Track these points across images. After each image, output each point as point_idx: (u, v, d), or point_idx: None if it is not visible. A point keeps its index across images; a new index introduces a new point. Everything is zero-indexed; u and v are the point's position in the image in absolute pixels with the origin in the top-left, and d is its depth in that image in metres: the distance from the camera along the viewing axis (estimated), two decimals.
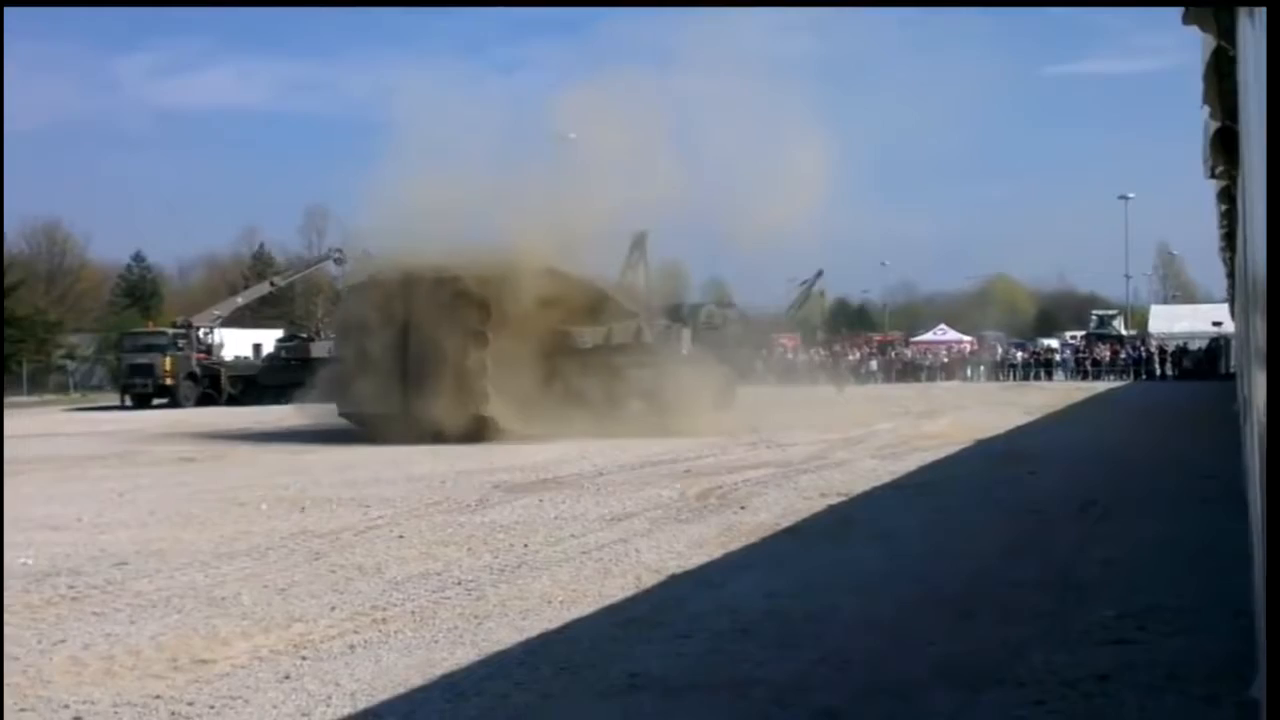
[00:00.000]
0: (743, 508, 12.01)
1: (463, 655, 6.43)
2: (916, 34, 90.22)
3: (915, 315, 79.98)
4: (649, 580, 8.40)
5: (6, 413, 37.71)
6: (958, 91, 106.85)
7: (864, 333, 72.35)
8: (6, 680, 5.97)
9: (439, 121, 24.19)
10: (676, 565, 8.93)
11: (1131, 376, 51.54)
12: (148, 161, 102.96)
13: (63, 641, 6.78)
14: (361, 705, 5.61)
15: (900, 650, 6.45)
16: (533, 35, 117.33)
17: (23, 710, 5.53)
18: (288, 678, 6.04)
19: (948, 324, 69.75)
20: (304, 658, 6.41)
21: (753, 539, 10.15)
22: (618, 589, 8.12)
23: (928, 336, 67.50)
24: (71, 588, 8.30)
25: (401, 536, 10.44)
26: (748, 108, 29.88)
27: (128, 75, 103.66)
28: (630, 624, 7.17)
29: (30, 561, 9.26)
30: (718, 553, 9.49)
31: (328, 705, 5.60)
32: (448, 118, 24.43)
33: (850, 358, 54.53)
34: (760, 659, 6.30)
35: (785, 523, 11.04)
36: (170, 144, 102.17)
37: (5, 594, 8.06)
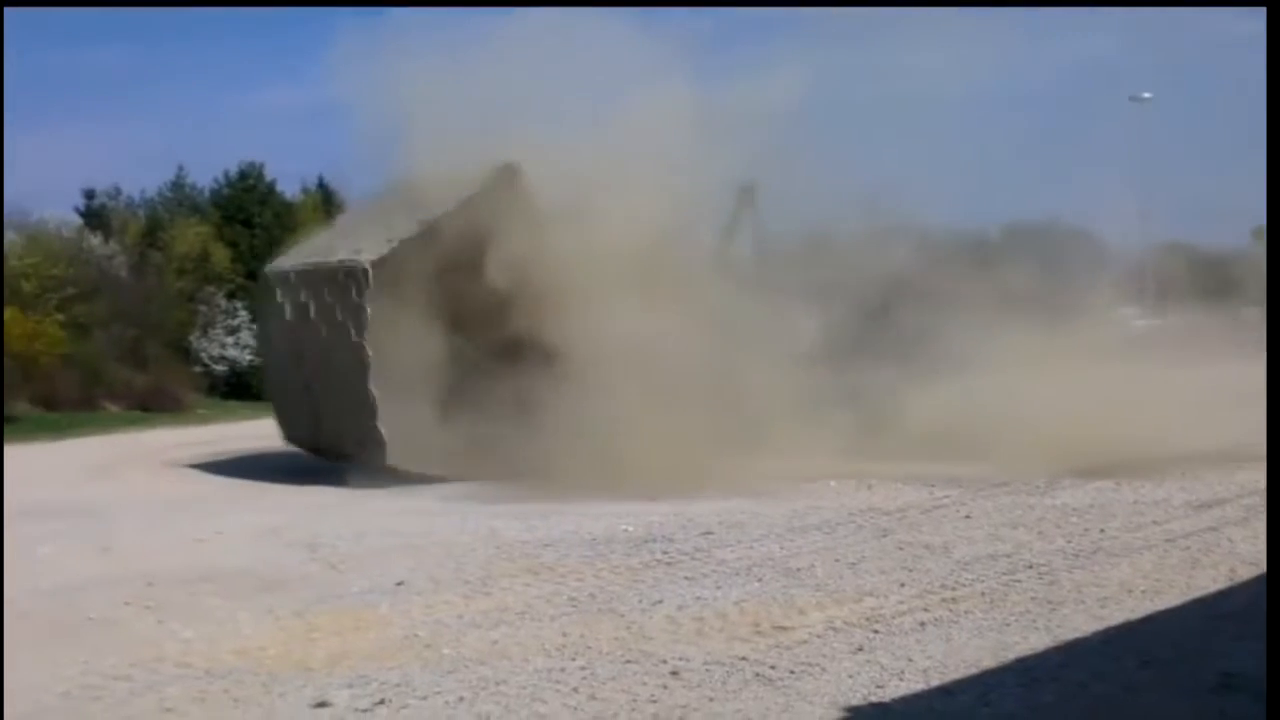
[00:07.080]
0: None
1: (1036, 640, 6.30)
2: None
3: None
4: (1245, 573, 7.69)
5: None
6: None
7: None
8: (613, 634, 6.73)
9: None
10: None
11: None
12: None
13: (660, 602, 7.49)
14: (934, 682, 5.67)
15: None
16: None
17: (627, 662, 6.20)
18: (860, 650, 6.25)
19: None
20: (875, 631, 6.60)
21: None
22: (1208, 581, 7.53)
23: None
24: (665, 553, 9.14)
25: (968, 516, 10.36)
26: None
27: None
28: (1223, 619, 6.65)
29: (630, 529, 10.31)
30: None
31: (900, 679, 5.73)
32: None
33: None
34: None
35: None
36: None
37: (610, 555, 9.08)
